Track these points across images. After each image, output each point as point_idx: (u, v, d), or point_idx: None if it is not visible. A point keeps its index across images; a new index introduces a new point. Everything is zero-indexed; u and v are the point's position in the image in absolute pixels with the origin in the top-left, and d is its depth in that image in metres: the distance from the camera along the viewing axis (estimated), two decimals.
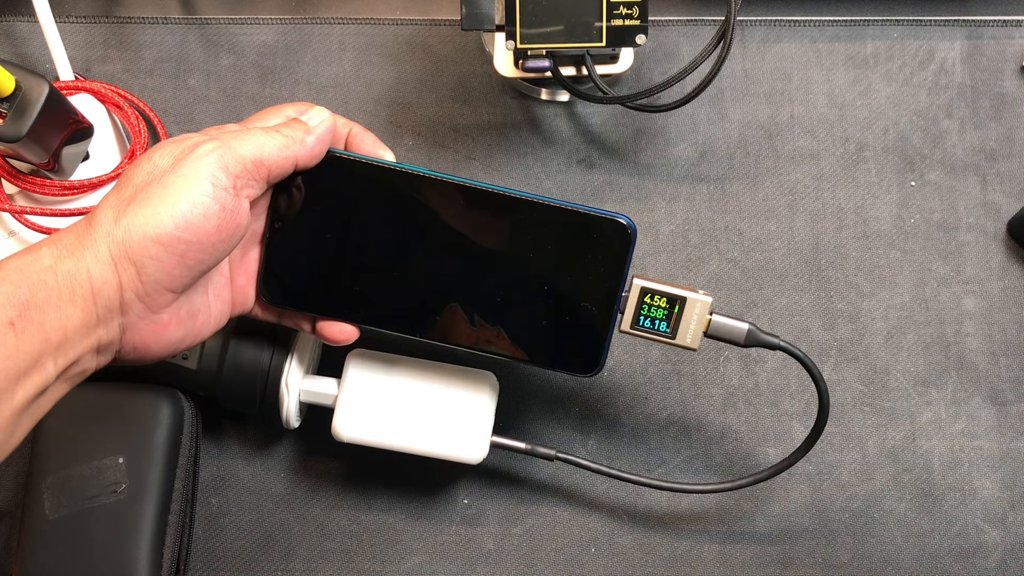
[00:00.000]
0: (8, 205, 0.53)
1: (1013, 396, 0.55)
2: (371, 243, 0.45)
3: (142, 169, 0.39)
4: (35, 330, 0.35)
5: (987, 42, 0.59)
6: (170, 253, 0.38)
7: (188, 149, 0.39)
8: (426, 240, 0.45)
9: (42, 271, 0.36)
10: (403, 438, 0.49)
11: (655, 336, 0.46)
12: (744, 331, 0.46)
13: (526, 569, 0.53)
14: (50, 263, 0.36)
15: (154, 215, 0.37)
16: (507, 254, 0.45)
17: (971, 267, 0.57)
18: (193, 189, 0.38)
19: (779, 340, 0.47)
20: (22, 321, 0.34)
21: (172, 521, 0.49)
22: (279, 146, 0.41)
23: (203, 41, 0.59)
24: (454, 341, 0.46)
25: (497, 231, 0.45)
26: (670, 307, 0.46)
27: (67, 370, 0.37)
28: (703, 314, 0.46)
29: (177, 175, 0.38)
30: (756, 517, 0.54)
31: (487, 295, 0.46)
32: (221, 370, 0.49)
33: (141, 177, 0.39)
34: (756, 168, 0.58)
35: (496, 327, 0.46)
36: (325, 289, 0.46)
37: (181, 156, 0.39)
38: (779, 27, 0.59)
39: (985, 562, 0.53)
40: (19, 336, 0.34)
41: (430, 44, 0.59)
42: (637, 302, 0.46)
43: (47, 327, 0.35)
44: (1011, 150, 0.58)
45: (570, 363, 0.46)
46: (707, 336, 0.46)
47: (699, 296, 0.46)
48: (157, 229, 0.37)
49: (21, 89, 0.48)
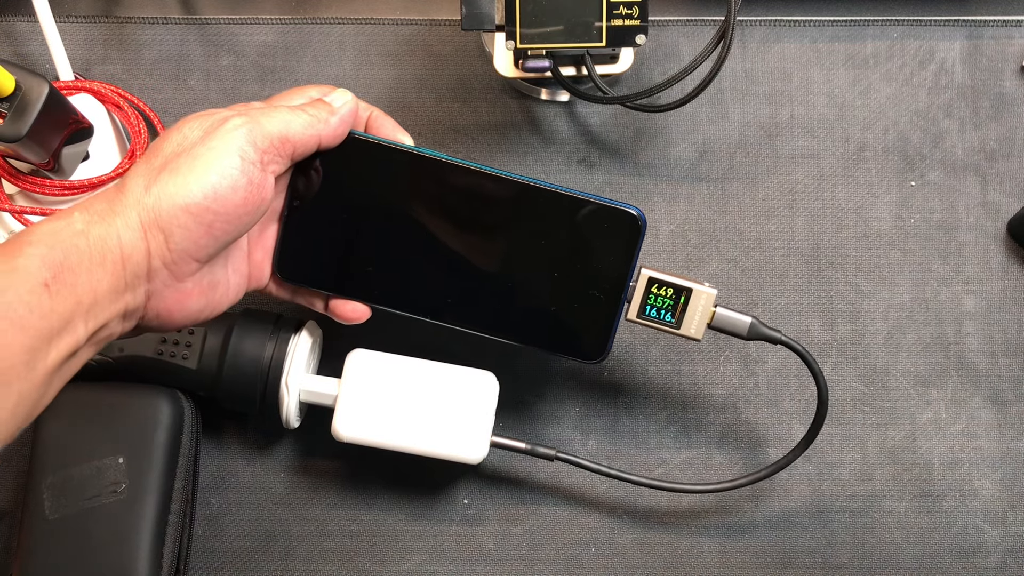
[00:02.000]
0: (8, 205, 0.53)
1: (1013, 396, 0.55)
2: (387, 224, 0.46)
3: (171, 140, 0.40)
4: (68, 292, 0.36)
5: (987, 42, 0.59)
6: (198, 223, 0.39)
7: (218, 123, 0.40)
8: (441, 223, 0.46)
9: (75, 235, 0.37)
10: (403, 438, 0.49)
11: (660, 325, 0.47)
12: (747, 324, 0.47)
13: (526, 569, 0.53)
14: (82, 227, 0.37)
15: (184, 185, 0.38)
16: (519, 240, 0.46)
17: (971, 267, 0.57)
18: (222, 161, 0.39)
19: (780, 334, 0.48)
20: (56, 283, 0.35)
21: (172, 521, 0.49)
22: (305, 124, 0.42)
23: (203, 41, 0.59)
24: (465, 324, 0.47)
25: (511, 217, 0.46)
26: (676, 298, 0.47)
27: (95, 334, 0.38)
28: (708, 306, 0.47)
29: (207, 147, 0.39)
30: (756, 517, 0.54)
31: (499, 279, 0.47)
32: (221, 370, 0.49)
33: (171, 148, 0.40)
34: (756, 168, 0.58)
35: (507, 311, 0.47)
36: (340, 268, 0.47)
37: (211, 129, 0.40)
38: (779, 27, 0.59)
39: (985, 562, 0.53)
40: (53, 297, 0.35)
41: (430, 44, 0.59)
42: (644, 292, 0.47)
43: (79, 290, 0.36)
44: (1011, 150, 0.58)
45: (577, 348, 0.47)
46: (711, 328, 0.47)
47: (704, 288, 0.47)
48: (187, 199, 0.38)
49: (21, 89, 0.48)
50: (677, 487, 0.50)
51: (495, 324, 0.47)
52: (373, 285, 0.47)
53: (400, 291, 0.47)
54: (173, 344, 0.50)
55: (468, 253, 0.47)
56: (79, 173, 0.55)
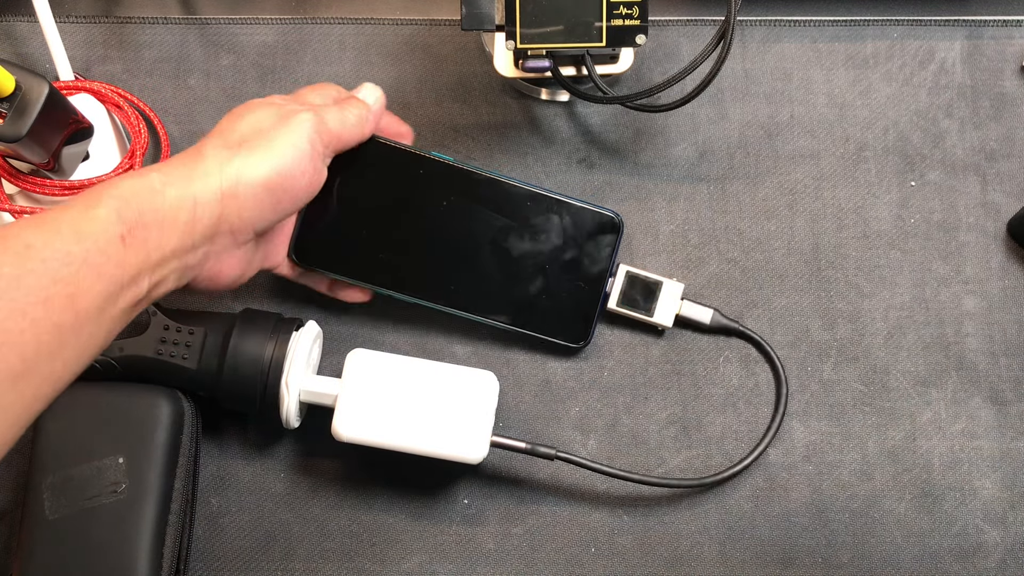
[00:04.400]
0: (8, 205, 0.53)
1: (1013, 396, 0.55)
2: (394, 217, 0.52)
3: (246, 121, 0.44)
4: (139, 246, 0.39)
5: (987, 42, 0.59)
6: (270, 197, 0.43)
7: (289, 113, 0.45)
8: (444, 218, 0.52)
9: (152, 193, 0.40)
10: (403, 438, 0.49)
11: (636, 314, 0.54)
12: (709, 315, 0.55)
13: (526, 569, 0.53)
14: (159, 187, 0.40)
15: (263, 161, 0.43)
16: (515, 236, 0.53)
17: (971, 267, 0.57)
18: (297, 147, 0.44)
19: (738, 325, 0.55)
20: (131, 237, 0.38)
21: (172, 521, 0.49)
22: (353, 124, 0.48)
23: (203, 41, 0.59)
24: (462, 308, 0.53)
25: (508, 216, 0.52)
26: (650, 290, 0.54)
27: (155, 287, 0.40)
28: (676, 297, 0.54)
29: (282, 132, 0.44)
30: (756, 517, 0.54)
31: (496, 269, 0.53)
32: (221, 370, 0.49)
33: (248, 128, 0.44)
34: (756, 168, 0.58)
35: (502, 298, 0.53)
36: (349, 254, 0.52)
37: (284, 117, 0.44)
38: (779, 27, 0.59)
39: (985, 562, 0.53)
40: (127, 250, 0.38)
41: (430, 44, 0.59)
42: (623, 284, 0.54)
43: (149, 245, 0.39)
44: (1011, 150, 0.58)
45: (564, 332, 0.54)
46: (679, 317, 0.54)
47: (673, 282, 0.54)
48: (266, 174, 0.43)
49: (21, 89, 0.48)
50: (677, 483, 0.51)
51: (491, 309, 0.53)
52: (378, 271, 0.52)
53: (406, 277, 0.52)
54: (173, 344, 0.50)
55: (467, 245, 0.52)
56: (79, 173, 0.55)
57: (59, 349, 0.36)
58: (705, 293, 0.56)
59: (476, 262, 0.52)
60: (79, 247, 0.36)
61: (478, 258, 0.52)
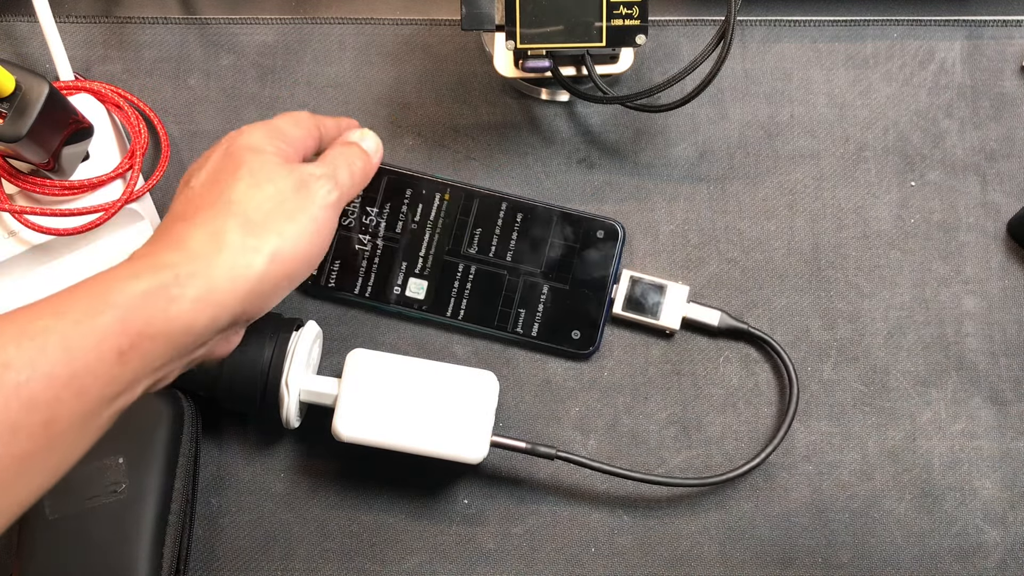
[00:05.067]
0: (8, 205, 0.53)
1: (1013, 396, 0.55)
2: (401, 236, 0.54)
3: (264, 194, 0.40)
4: (139, 360, 0.35)
5: (987, 42, 0.59)
6: (293, 283, 0.41)
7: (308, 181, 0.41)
8: (451, 233, 0.55)
9: (168, 302, 0.36)
10: (403, 438, 0.49)
11: (642, 318, 0.54)
12: (716, 316, 0.54)
13: (526, 569, 0.53)
14: (176, 293, 0.36)
15: (294, 251, 0.39)
16: (518, 249, 0.54)
17: (971, 267, 0.57)
18: (322, 224, 0.41)
19: (747, 326, 0.54)
20: (132, 352, 0.34)
21: (172, 521, 0.49)
22: (364, 176, 0.46)
23: (203, 41, 0.59)
24: (468, 320, 0.54)
25: (512, 228, 0.55)
26: (655, 294, 0.54)
27: (153, 386, 0.37)
28: (682, 300, 0.54)
29: (307, 207, 0.41)
30: (756, 517, 0.54)
31: (502, 283, 0.54)
32: (221, 370, 0.49)
33: (269, 202, 0.40)
34: (756, 168, 0.58)
35: (509, 311, 0.54)
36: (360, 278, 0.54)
37: (302, 187, 0.41)
38: (779, 27, 0.59)
39: (985, 562, 0.53)
40: (124, 367, 0.34)
41: (430, 44, 0.59)
42: (628, 289, 0.54)
43: (152, 356, 0.35)
44: (1011, 150, 0.58)
45: (571, 341, 0.54)
46: (685, 320, 0.54)
47: (678, 285, 0.54)
48: (294, 265, 0.40)
49: (21, 89, 0.48)
50: (677, 482, 0.51)
51: (498, 321, 0.54)
52: (388, 289, 0.54)
53: (412, 294, 0.54)
54: None
55: (472, 257, 0.54)
56: (79, 173, 0.55)
57: (19, 476, 0.32)
58: (705, 293, 0.56)
59: (481, 276, 0.54)
60: (65, 369, 0.32)
61: (483, 272, 0.54)
